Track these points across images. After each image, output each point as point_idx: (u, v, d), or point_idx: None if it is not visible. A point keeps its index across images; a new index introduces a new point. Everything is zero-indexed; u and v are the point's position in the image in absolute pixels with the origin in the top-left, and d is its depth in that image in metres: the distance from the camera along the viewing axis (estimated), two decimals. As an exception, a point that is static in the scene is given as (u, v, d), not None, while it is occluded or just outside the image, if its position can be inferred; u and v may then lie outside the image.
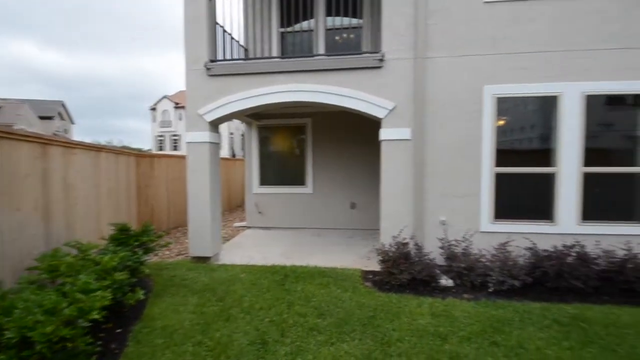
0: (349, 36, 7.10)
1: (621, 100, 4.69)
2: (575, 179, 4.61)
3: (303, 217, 8.07)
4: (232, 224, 8.96)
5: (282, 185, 8.16)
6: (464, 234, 4.62)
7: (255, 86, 5.20)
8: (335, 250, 6.10)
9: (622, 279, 4.01)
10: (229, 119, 5.94)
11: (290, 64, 5.19)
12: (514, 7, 4.67)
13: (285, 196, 8.12)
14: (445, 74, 4.79)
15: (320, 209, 8.00)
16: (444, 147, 4.83)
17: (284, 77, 5.15)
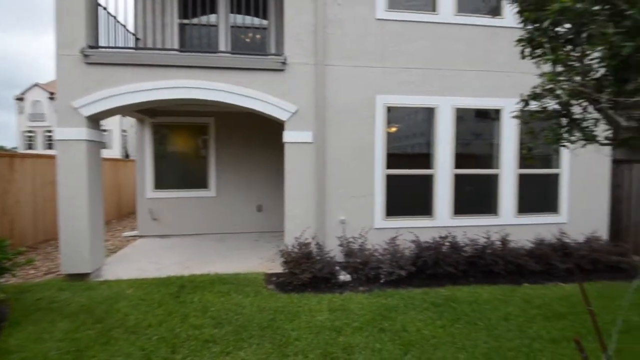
0: (254, 36, 6.99)
1: (483, 113, 5.69)
2: (449, 180, 5.40)
3: (205, 222, 7.54)
4: (122, 234, 7.83)
5: (180, 188, 7.46)
6: (360, 231, 4.95)
7: (147, 79, 4.65)
8: (239, 256, 5.85)
9: (483, 262, 4.80)
10: (113, 114, 5.18)
11: (191, 59, 4.81)
12: (402, 27, 5.24)
13: (185, 201, 7.46)
14: (343, 82, 5.09)
15: (224, 213, 7.59)
16: (343, 151, 5.10)
17: (181, 71, 4.73)
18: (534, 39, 2.07)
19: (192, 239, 7.16)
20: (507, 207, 5.60)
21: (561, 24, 1.86)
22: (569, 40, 1.96)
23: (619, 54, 1.57)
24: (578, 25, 1.73)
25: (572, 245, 5.22)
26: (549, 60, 1.87)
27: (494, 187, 5.62)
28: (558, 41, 1.96)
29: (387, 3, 5.20)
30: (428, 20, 5.32)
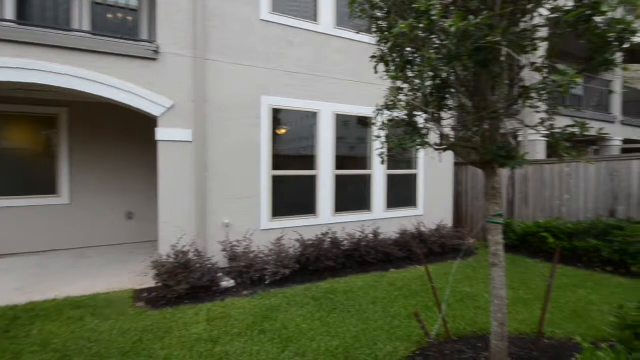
0: (125, 17, 6.04)
1: (359, 119, 6.25)
2: (330, 180, 5.75)
3: (58, 235, 6.07)
4: None
5: (18, 195, 5.82)
6: (246, 233, 4.81)
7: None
8: (103, 272, 4.94)
9: (358, 254, 5.28)
10: None
11: (34, 35, 3.81)
12: (286, 31, 5.33)
13: (25, 211, 5.85)
14: (227, 79, 4.85)
15: (83, 224, 6.26)
16: (227, 150, 4.86)
17: (14, 48, 3.70)
18: (384, 57, 2.34)
19: (41, 257, 5.70)
20: (379, 203, 6.32)
21: (403, 47, 2.15)
22: (409, 62, 2.28)
23: (439, 76, 1.89)
24: (413, 48, 2.02)
25: (427, 233, 6.25)
26: (391, 77, 2.14)
27: (368, 186, 6.26)
28: (402, 61, 2.26)
29: (271, 5, 5.21)
30: (310, 28, 5.56)
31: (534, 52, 2.19)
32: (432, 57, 1.87)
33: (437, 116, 2.16)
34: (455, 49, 1.78)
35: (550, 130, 2.08)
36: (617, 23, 1.71)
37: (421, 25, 1.91)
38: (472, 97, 2.32)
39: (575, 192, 6.34)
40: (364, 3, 2.44)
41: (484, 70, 2.07)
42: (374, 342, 3.03)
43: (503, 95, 2.26)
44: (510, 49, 1.86)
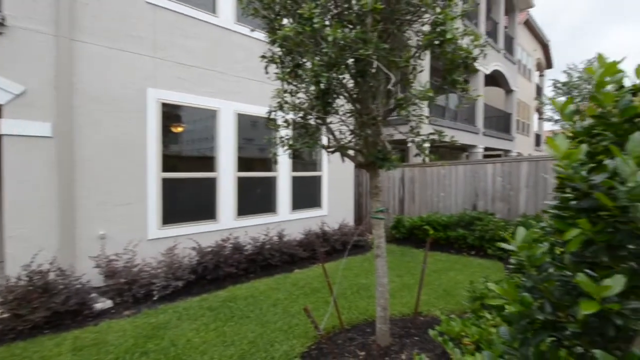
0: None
1: (263, 120, 6.19)
2: (232, 182, 5.54)
3: None
4: None
5: None
6: (128, 245, 4.24)
7: None
8: None
9: (262, 257, 5.23)
10: None
11: None
12: (179, 19, 4.90)
13: None
14: (105, 66, 4.22)
15: None
16: (103, 149, 4.21)
17: None
18: (274, 58, 2.37)
19: None
20: (284, 205, 6.38)
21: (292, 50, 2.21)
22: (299, 65, 2.35)
23: (321, 82, 2.01)
24: (298, 53, 2.11)
25: (330, 232, 6.59)
26: (279, 78, 2.19)
27: (273, 188, 6.26)
28: (292, 64, 2.32)
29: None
30: (209, 20, 5.27)
31: (406, 68, 2.53)
32: (314, 63, 1.98)
33: (323, 119, 2.29)
34: (335, 57, 1.92)
35: (415, 136, 2.42)
36: (460, 50, 2.09)
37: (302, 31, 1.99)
38: (355, 104, 2.54)
39: (449, 190, 7.56)
40: (254, 2, 2.43)
41: (363, 80, 2.29)
42: (271, 343, 3.03)
43: (382, 104, 2.54)
44: (382, 63, 2.10)
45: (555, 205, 1.05)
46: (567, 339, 0.88)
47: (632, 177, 0.75)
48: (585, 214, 0.93)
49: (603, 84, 1.05)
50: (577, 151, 0.95)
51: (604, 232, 0.85)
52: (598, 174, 0.95)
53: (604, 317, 0.79)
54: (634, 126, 1.01)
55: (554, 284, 0.98)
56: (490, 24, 14.00)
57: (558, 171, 1.00)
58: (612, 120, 1.04)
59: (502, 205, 6.80)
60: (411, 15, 2.43)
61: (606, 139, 1.06)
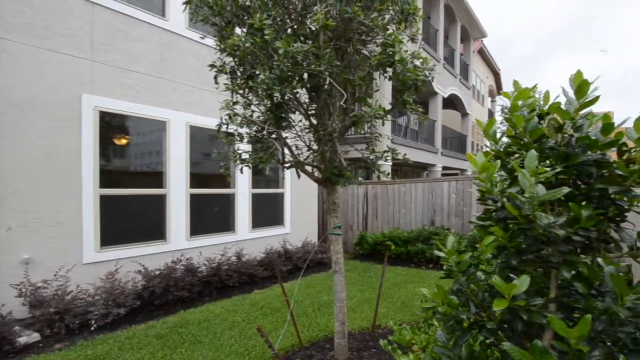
0: None
1: (217, 136, 6.12)
2: (184, 200, 5.37)
3: None
4: None
5: None
6: (59, 270, 3.91)
7: None
8: None
9: (218, 279, 5.07)
10: None
11: None
12: (121, 20, 4.69)
13: None
14: (30, 67, 3.91)
15: None
16: (27, 162, 3.86)
17: None
18: (223, 67, 2.42)
19: None
20: (243, 223, 6.28)
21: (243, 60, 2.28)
22: (249, 77, 2.43)
23: (273, 95, 2.10)
24: (248, 64, 2.18)
25: (293, 250, 6.58)
26: (228, 89, 2.25)
27: (231, 205, 6.15)
28: (241, 76, 2.39)
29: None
30: (156, 23, 5.11)
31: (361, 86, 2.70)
32: (266, 75, 2.06)
33: (277, 134, 2.37)
34: (287, 71, 2.02)
35: (370, 153, 2.58)
36: (409, 72, 2.30)
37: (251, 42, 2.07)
38: (310, 119, 2.65)
39: (410, 207, 7.93)
40: (203, 7, 2.48)
41: (317, 95, 2.41)
42: (223, 371, 2.94)
43: (338, 120, 2.67)
44: (336, 80, 2.24)
45: (479, 216, 1.20)
46: (487, 337, 1.00)
47: (529, 189, 0.90)
48: (502, 223, 1.08)
49: (516, 107, 1.24)
50: (492, 166, 1.11)
51: (513, 239, 0.99)
52: (511, 188, 1.11)
53: (514, 313, 0.92)
54: (541, 145, 1.19)
55: (481, 287, 1.11)
56: (447, 50, 15.26)
57: (479, 185, 1.15)
58: (524, 140, 1.22)
59: (457, 220, 7.27)
60: (365, 36, 2.63)
61: (521, 156, 1.24)
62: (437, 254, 1.20)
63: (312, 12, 2.09)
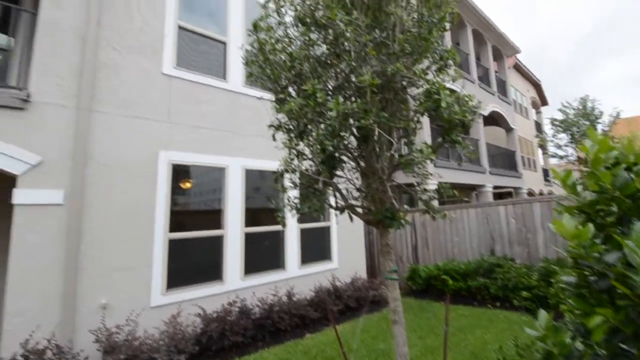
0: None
1: (270, 174, 6.34)
2: (239, 239, 5.55)
3: None
4: None
5: None
6: (130, 314, 4.15)
7: None
8: None
9: (270, 322, 5.01)
10: None
11: None
12: (192, 87, 5.37)
13: None
14: (119, 133, 4.51)
15: None
16: (111, 214, 4.33)
17: None
18: (281, 126, 2.55)
19: None
20: (293, 260, 6.30)
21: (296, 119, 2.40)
22: (302, 132, 2.52)
23: (325, 149, 2.15)
24: (303, 124, 2.28)
25: (342, 288, 6.40)
26: (286, 146, 2.35)
27: (281, 242, 6.24)
28: (295, 132, 2.50)
29: (175, 60, 5.24)
30: (219, 85, 5.73)
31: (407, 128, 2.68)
32: (319, 132, 2.13)
33: (329, 183, 2.40)
34: (338, 127, 2.07)
35: (421, 193, 2.50)
36: (455, 113, 2.25)
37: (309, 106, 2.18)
38: (359, 163, 2.66)
39: (463, 234, 7.45)
40: (262, 78, 2.68)
41: (366, 143, 2.43)
42: None
43: (385, 163, 2.65)
44: (382, 129, 2.25)
45: (575, 283, 1.07)
46: None
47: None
48: (607, 296, 0.95)
49: (599, 161, 1.13)
50: (585, 231, 1.00)
51: (629, 321, 0.87)
52: (610, 253, 0.98)
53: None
54: (636, 201, 1.06)
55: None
56: (481, 70, 15.05)
57: (570, 251, 1.03)
58: (615, 194, 1.09)
59: (521, 249, 6.64)
60: (406, 83, 2.64)
61: (611, 213, 1.11)
62: (528, 331, 1.07)
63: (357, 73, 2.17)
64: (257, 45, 2.80)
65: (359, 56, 2.19)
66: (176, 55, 5.28)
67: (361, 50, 2.16)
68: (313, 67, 2.47)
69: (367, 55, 2.17)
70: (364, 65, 2.23)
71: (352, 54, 2.16)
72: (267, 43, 2.74)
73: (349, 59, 2.17)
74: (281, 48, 2.56)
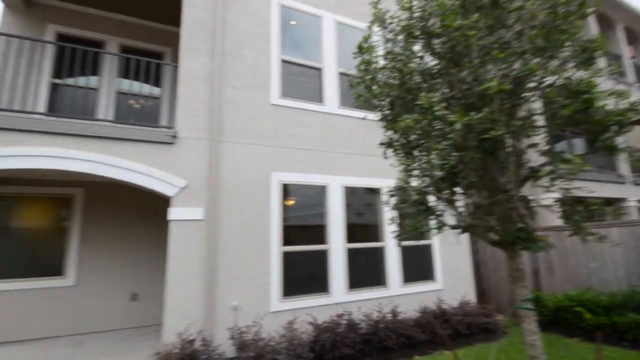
0: (145, 103, 6.69)
1: (369, 190, 6.34)
2: (342, 254, 5.63)
3: (58, 320, 5.82)
4: None
5: (24, 278, 5.74)
6: (255, 317, 4.56)
7: None
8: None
9: (378, 338, 4.86)
10: None
11: (62, 125, 4.23)
12: (294, 113, 5.80)
13: (28, 294, 5.71)
14: (239, 159, 5.13)
15: (86, 307, 6.02)
16: (237, 228, 4.90)
17: (47, 138, 4.09)
18: (392, 143, 2.51)
19: (38, 345, 5.39)
20: (394, 277, 6.05)
21: (409, 136, 2.32)
22: (416, 147, 2.43)
23: (448, 163, 2.00)
24: (419, 139, 2.19)
25: (450, 311, 5.82)
26: (401, 163, 2.28)
27: (382, 259, 6.08)
28: (409, 148, 2.41)
29: (281, 92, 5.77)
30: (317, 109, 6.05)
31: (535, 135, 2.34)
32: (438, 147, 2.00)
33: (450, 200, 2.22)
34: (461, 140, 1.91)
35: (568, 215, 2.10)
36: (615, 115, 1.84)
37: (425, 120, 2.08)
38: (482, 180, 2.40)
39: (604, 259, 6.05)
40: (369, 97, 2.70)
41: (490, 156, 2.19)
42: None
43: (512, 177, 2.34)
44: (514, 138, 1.99)
45: None
46: None
47: None
48: None
49: None
50: None
51: None
52: None
53: None
54: None
55: None
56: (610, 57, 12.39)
57: None
58: None
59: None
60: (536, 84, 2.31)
61: None
62: None
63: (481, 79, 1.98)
64: (362, 66, 2.84)
65: (482, 61, 2.01)
66: (281, 86, 5.80)
67: (485, 54, 1.97)
68: (424, 80, 2.37)
69: (492, 59, 1.97)
70: (487, 70, 2.03)
71: (475, 60, 1.99)
72: (373, 62, 2.76)
73: (471, 65, 2.00)
74: (391, 65, 2.53)
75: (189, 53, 5.09)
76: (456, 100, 2.35)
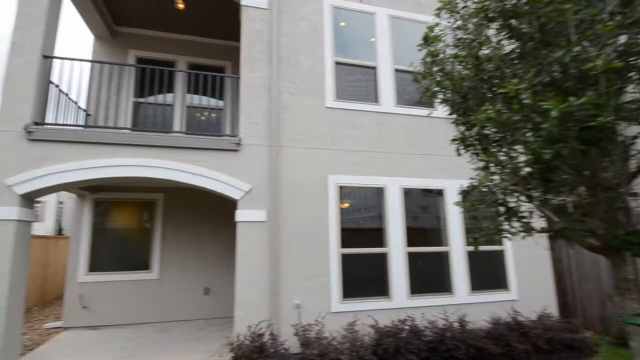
0: (210, 115, 7.16)
1: (429, 192, 5.95)
2: (402, 258, 5.33)
3: (146, 309, 6.51)
4: (43, 325, 6.50)
5: (118, 271, 6.53)
6: (317, 316, 4.53)
7: (96, 157, 4.41)
8: (180, 350, 4.99)
9: (444, 348, 4.49)
10: (53, 192, 4.74)
11: (143, 138, 4.69)
12: (349, 114, 5.64)
13: (123, 285, 6.48)
14: (297, 162, 5.16)
15: (167, 298, 6.65)
16: (297, 229, 4.91)
17: (133, 150, 4.57)
18: (465, 139, 2.25)
19: (129, 330, 6.07)
20: (461, 284, 5.56)
21: (488, 129, 2.06)
22: (496, 141, 2.15)
23: (541, 159, 1.71)
24: (502, 132, 1.92)
25: (527, 324, 5.15)
26: (481, 161, 2.02)
27: (446, 264, 5.63)
28: (487, 142, 2.15)
29: (335, 94, 5.65)
30: (372, 109, 5.78)
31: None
32: (529, 140, 1.73)
33: (542, 199, 1.91)
34: (557, 131, 1.62)
35: None
36: None
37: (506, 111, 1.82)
38: (580, 175, 2.04)
39: None
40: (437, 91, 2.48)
41: (592, 147, 1.84)
42: None
43: (619, 170, 1.94)
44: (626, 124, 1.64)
45: None
46: None
47: None
48: None
49: None
50: None
51: None
52: None
53: None
54: None
55: None
56: None
57: None
58: None
59: None
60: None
61: None
62: None
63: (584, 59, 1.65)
64: (428, 58, 2.62)
65: (580, 38, 1.69)
66: (335, 89, 5.67)
67: (586, 30, 1.66)
68: (506, 66, 2.08)
69: (595, 35, 1.65)
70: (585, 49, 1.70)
71: (573, 37, 1.68)
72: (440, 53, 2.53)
73: (568, 44, 1.69)
74: (464, 53, 2.28)
75: (249, 64, 5.28)
76: (543, 86, 2.03)
